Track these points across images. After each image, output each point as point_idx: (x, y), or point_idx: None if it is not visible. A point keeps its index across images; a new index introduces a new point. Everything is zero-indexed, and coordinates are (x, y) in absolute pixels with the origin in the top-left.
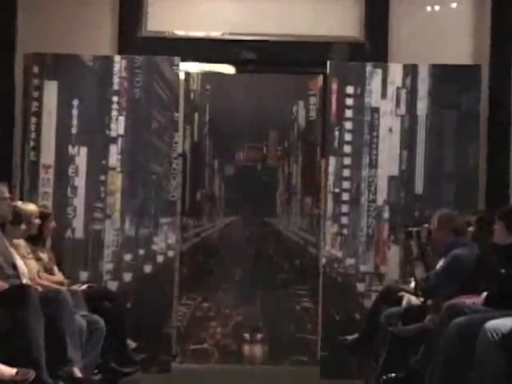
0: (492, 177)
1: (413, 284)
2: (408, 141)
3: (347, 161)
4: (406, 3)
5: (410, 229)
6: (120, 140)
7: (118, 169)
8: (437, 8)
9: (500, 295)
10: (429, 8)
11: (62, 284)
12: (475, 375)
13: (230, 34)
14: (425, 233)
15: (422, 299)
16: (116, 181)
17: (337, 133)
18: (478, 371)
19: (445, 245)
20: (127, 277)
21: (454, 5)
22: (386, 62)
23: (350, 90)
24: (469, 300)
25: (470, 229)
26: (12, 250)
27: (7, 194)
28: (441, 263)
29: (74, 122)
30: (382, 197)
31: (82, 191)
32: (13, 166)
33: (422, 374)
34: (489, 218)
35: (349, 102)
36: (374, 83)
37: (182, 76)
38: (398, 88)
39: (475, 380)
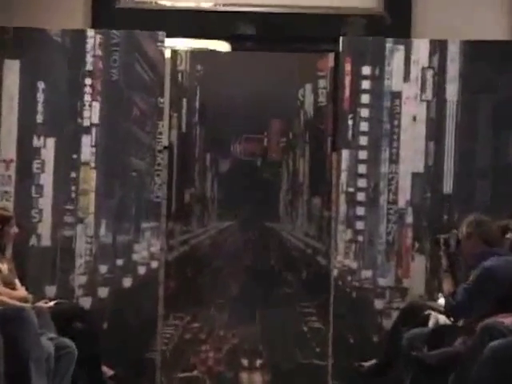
0: None
1: (441, 300)
2: (435, 131)
3: (363, 155)
4: None
5: (438, 235)
6: (94, 130)
7: (92, 164)
8: None
9: None
10: None
11: (25, 300)
12: None
13: (225, 4)
14: (454, 240)
15: (452, 318)
16: (89, 178)
17: (351, 122)
18: None
19: (474, 256)
20: (103, 292)
21: None
22: (409, 38)
23: (366, 70)
24: (507, 320)
25: (509, 235)
26: None
27: None
28: (471, 277)
29: (40, 108)
30: (404, 197)
31: (48, 190)
32: None
33: None
34: None
35: (365, 84)
36: (396, 63)
37: (167, 54)
38: (423, 68)
39: None
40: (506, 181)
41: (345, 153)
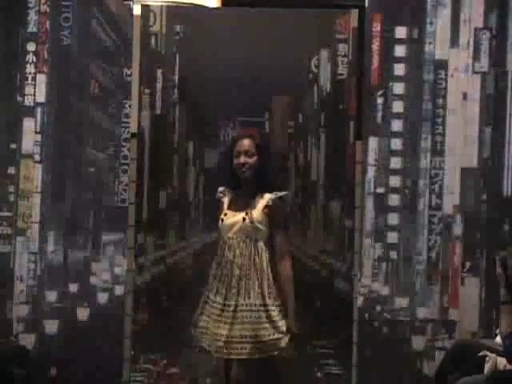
0: None
1: (500, 339)
2: (493, 113)
3: (397, 144)
4: None
5: (497, 253)
6: (39, 111)
7: (36, 157)
8: None
9: None
10: None
11: None
12: None
13: None
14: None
15: None
16: (32, 175)
17: (380, 100)
18: None
19: None
20: (51, 327)
21: None
22: None
23: (401, 32)
24: None
25: None
26: None
27: None
28: None
29: None
30: (451, 201)
31: None
32: None
33: None
34: None
35: (399, 51)
36: (440, 22)
37: (136, 11)
38: (477, 30)
39: None
40: None
41: (372, 142)
